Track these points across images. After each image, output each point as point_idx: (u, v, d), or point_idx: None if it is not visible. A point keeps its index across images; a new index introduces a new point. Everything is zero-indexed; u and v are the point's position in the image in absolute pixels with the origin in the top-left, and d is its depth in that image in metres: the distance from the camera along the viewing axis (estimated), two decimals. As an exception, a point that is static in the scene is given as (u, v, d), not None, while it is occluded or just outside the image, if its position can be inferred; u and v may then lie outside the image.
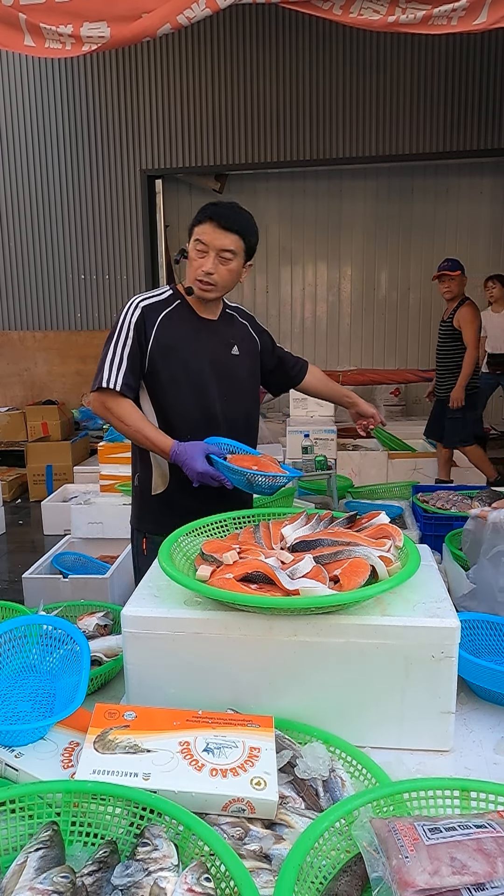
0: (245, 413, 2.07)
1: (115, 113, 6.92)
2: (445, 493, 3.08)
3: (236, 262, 1.92)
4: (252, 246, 1.93)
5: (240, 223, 1.90)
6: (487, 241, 7.53)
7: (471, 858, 0.77)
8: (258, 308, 7.93)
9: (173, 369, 1.95)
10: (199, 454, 1.80)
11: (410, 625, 1.17)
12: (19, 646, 1.31)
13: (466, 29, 3.04)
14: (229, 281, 1.94)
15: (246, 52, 6.65)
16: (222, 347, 2.03)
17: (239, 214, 1.92)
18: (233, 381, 2.03)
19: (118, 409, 1.90)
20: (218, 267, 1.89)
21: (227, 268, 1.91)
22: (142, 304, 1.97)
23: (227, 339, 2.05)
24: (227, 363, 2.03)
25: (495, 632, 1.55)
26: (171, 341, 1.95)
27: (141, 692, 1.26)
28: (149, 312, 1.95)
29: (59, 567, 2.98)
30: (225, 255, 1.88)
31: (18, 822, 0.92)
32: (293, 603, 1.16)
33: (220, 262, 1.89)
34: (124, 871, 0.83)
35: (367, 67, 6.55)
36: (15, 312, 7.39)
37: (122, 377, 1.89)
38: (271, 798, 0.97)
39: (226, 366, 2.02)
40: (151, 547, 2.02)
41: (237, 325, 2.11)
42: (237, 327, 2.10)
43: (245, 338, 2.10)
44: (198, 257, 1.90)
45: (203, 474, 1.78)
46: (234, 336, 2.07)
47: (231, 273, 1.92)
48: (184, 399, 1.97)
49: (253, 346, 2.12)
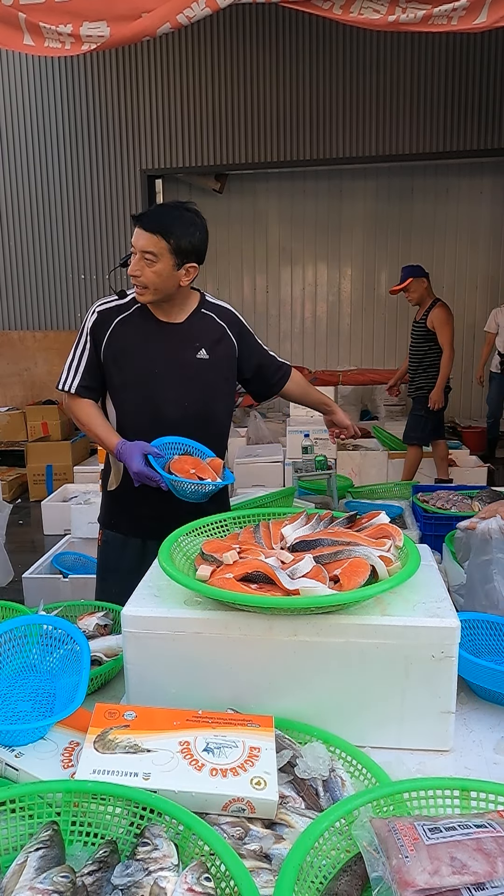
0: (210, 417, 2.03)
1: (115, 113, 6.92)
2: (445, 493, 3.08)
3: (161, 263, 1.86)
4: (182, 246, 1.86)
5: (161, 223, 1.85)
6: (487, 241, 7.53)
7: (471, 858, 0.77)
8: (258, 308, 7.93)
9: (124, 373, 1.99)
10: (138, 453, 1.84)
11: (410, 625, 1.17)
12: (19, 646, 1.31)
13: (466, 28, 3.04)
14: (159, 283, 1.89)
15: (246, 51, 6.65)
16: (184, 350, 1.99)
17: (165, 213, 1.88)
18: (195, 385, 2.00)
19: (75, 409, 2.05)
20: (144, 269, 1.87)
21: (152, 269, 1.87)
22: (98, 308, 2.02)
23: (192, 342, 2.01)
24: (189, 366, 1.99)
25: (495, 632, 1.55)
26: (123, 345, 1.98)
27: (141, 692, 1.26)
28: (104, 317, 2.00)
29: (59, 567, 2.98)
30: (147, 256, 1.85)
31: (18, 821, 0.92)
32: (293, 603, 1.16)
33: (144, 264, 1.87)
34: (124, 870, 0.83)
35: (367, 67, 6.55)
36: (15, 312, 7.39)
37: (78, 379, 2.02)
38: (271, 798, 0.97)
39: (186, 369, 1.99)
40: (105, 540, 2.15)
41: (210, 327, 2.04)
42: (209, 329, 2.04)
43: (218, 340, 2.04)
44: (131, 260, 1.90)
45: (138, 474, 1.82)
46: (201, 338, 2.02)
47: (158, 275, 1.87)
48: (133, 402, 1.99)
49: (227, 350, 2.06)
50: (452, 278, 7.63)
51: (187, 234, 1.87)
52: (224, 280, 7.91)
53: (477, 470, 5.40)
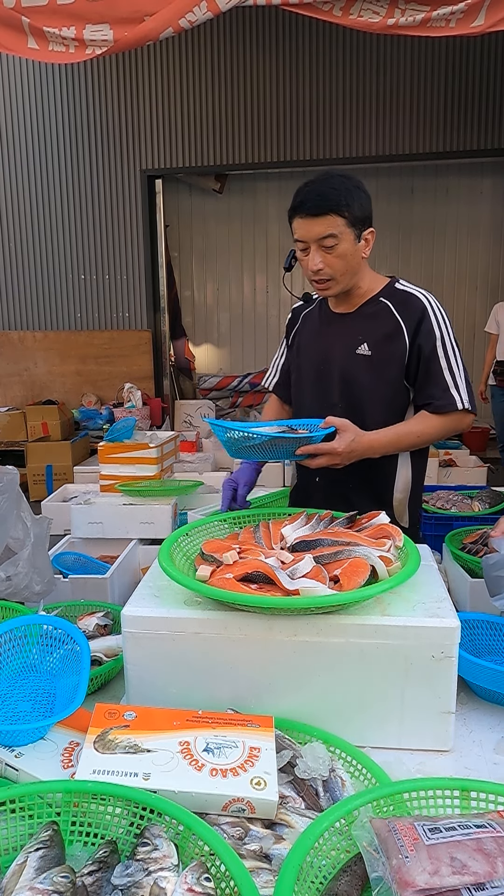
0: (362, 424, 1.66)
1: (115, 113, 6.91)
2: (445, 493, 3.08)
3: (344, 243, 1.64)
4: (356, 215, 1.63)
5: (328, 199, 1.61)
6: (487, 241, 7.52)
7: (471, 858, 0.77)
8: (258, 308, 7.93)
9: (300, 370, 1.91)
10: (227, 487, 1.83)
11: (410, 625, 1.17)
12: (19, 646, 1.31)
13: (464, 32, 3.05)
14: (346, 266, 1.67)
15: (246, 52, 6.65)
16: (345, 345, 1.77)
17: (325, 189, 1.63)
18: (352, 386, 1.76)
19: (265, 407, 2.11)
20: (326, 258, 1.65)
21: (335, 255, 1.65)
22: (294, 306, 1.99)
23: (355, 336, 1.76)
24: (349, 364, 1.76)
25: (495, 632, 1.55)
26: (301, 340, 1.92)
27: (141, 692, 1.26)
28: (295, 313, 1.97)
29: (59, 567, 2.97)
30: (326, 243, 1.64)
31: (18, 822, 0.92)
32: (293, 603, 1.16)
33: (325, 253, 1.65)
34: (124, 871, 0.83)
35: (367, 68, 6.54)
36: (15, 312, 7.39)
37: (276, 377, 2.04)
38: (271, 798, 0.97)
39: (347, 367, 1.77)
40: None
41: (380, 318, 1.75)
42: (379, 320, 1.75)
43: (386, 335, 1.73)
44: (303, 256, 1.70)
45: None
46: (366, 332, 1.75)
47: (343, 258, 1.66)
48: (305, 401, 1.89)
49: (396, 347, 1.73)
50: (452, 278, 7.62)
51: (356, 199, 1.65)
52: (224, 280, 7.91)
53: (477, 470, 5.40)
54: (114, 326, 7.25)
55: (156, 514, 3.08)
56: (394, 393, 1.75)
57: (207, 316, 8.02)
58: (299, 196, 1.65)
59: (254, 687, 1.22)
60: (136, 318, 7.23)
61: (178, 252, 7.83)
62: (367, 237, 1.69)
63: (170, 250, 7.57)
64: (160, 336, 7.32)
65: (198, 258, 7.85)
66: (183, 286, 7.89)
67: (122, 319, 7.25)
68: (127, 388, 6.91)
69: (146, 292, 7.17)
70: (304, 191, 1.65)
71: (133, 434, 3.69)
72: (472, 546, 2.24)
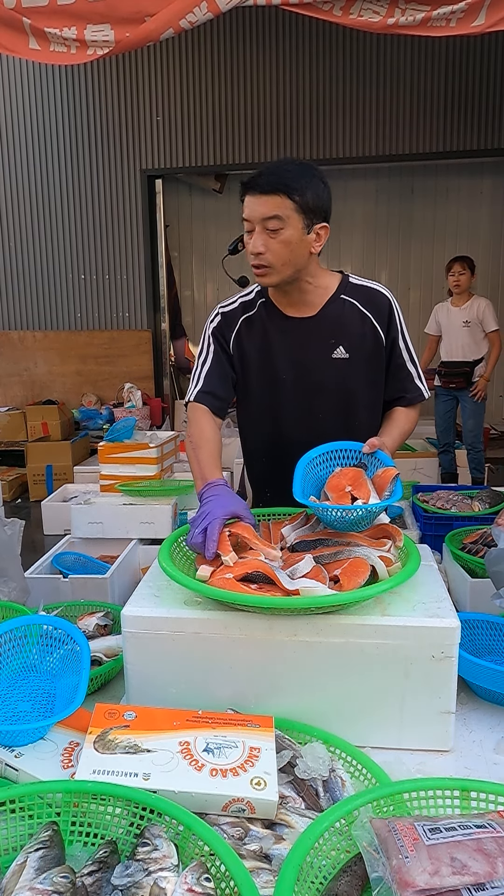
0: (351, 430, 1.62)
1: (115, 113, 6.91)
2: (445, 493, 3.08)
3: (290, 228, 1.52)
4: (309, 203, 1.52)
5: (280, 179, 1.50)
6: (487, 241, 7.52)
7: (471, 858, 0.77)
8: (258, 308, 7.93)
9: (246, 382, 1.72)
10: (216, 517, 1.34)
11: (410, 625, 1.17)
12: (19, 646, 1.31)
13: (465, 31, 3.05)
14: (288, 255, 1.54)
15: (246, 52, 6.65)
16: (317, 350, 1.65)
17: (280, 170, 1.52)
18: (334, 392, 1.66)
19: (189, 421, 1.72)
20: (268, 242, 1.52)
21: (279, 240, 1.52)
22: (221, 310, 1.75)
23: (327, 340, 1.65)
24: (326, 369, 1.65)
25: (495, 632, 1.55)
26: (245, 349, 1.70)
27: (141, 692, 1.26)
28: (228, 318, 1.73)
29: (59, 567, 2.98)
30: (270, 225, 1.51)
31: (18, 822, 0.92)
32: (293, 603, 1.16)
33: (267, 236, 1.52)
34: (124, 871, 0.83)
35: (367, 68, 6.55)
36: (15, 312, 7.39)
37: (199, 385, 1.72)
38: (271, 798, 0.96)
39: (324, 373, 1.65)
40: None
41: (350, 317, 1.65)
42: (349, 320, 1.65)
43: (361, 335, 1.65)
44: (248, 238, 1.56)
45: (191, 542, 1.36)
46: (338, 334, 1.65)
47: (287, 245, 1.53)
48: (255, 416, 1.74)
49: (373, 345, 1.66)
50: (452, 278, 7.62)
51: (311, 187, 1.53)
52: (224, 280, 7.90)
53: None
54: (114, 326, 7.25)
55: (156, 514, 3.09)
56: (377, 392, 1.71)
57: (207, 316, 8.02)
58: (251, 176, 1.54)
59: (254, 687, 1.22)
60: (136, 318, 7.23)
61: (178, 252, 7.83)
62: (320, 231, 1.56)
63: (170, 250, 7.57)
64: (160, 336, 7.32)
65: (198, 258, 7.85)
66: (183, 286, 7.89)
67: (122, 319, 7.25)
68: (127, 388, 6.91)
69: (146, 292, 7.17)
70: (259, 170, 1.55)
71: (133, 434, 3.69)
72: (472, 546, 2.25)
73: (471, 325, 5.22)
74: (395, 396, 1.73)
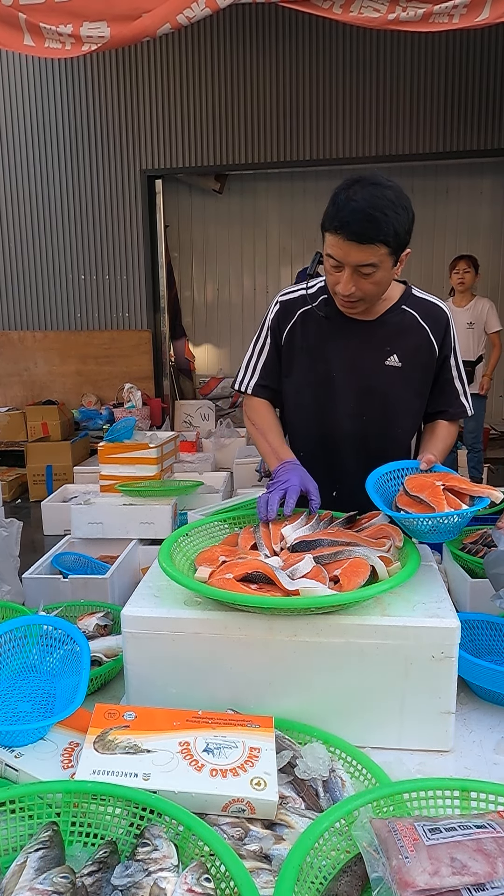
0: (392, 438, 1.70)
1: (115, 113, 6.91)
2: (445, 493, 3.07)
3: (382, 271, 1.50)
4: (401, 241, 1.48)
5: (377, 226, 1.43)
6: (487, 241, 7.52)
7: (471, 859, 0.77)
8: (258, 308, 7.92)
9: (298, 375, 1.71)
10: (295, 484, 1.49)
11: (410, 625, 1.17)
12: (19, 646, 1.31)
13: (469, 25, 3.02)
14: (379, 291, 1.56)
15: (246, 52, 6.65)
16: (372, 356, 1.66)
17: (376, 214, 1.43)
18: (382, 398, 1.66)
19: (249, 411, 1.78)
20: (360, 283, 1.51)
21: (371, 281, 1.51)
22: (281, 298, 1.74)
23: (383, 347, 1.65)
24: (379, 375, 1.65)
25: (495, 632, 1.55)
26: (301, 343, 1.70)
27: (141, 692, 1.26)
28: (287, 308, 1.72)
29: (59, 567, 2.98)
30: (365, 270, 1.49)
31: (18, 822, 0.92)
32: (293, 603, 1.16)
33: (360, 277, 1.50)
34: (124, 871, 0.83)
35: (367, 67, 6.54)
36: (15, 312, 7.39)
37: (255, 378, 1.76)
38: (271, 798, 0.96)
39: (376, 378, 1.66)
40: None
41: (408, 328, 1.66)
42: (407, 331, 1.66)
43: (416, 346, 1.66)
44: (333, 271, 1.54)
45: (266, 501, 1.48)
46: (394, 343, 1.66)
47: (379, 284, 1.53)
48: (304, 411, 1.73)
49: (427, 358, 1.67)
50: (452, 278, 7.62)
51: (403, 224, 1.47)
52: (224, 280, 7.91)
53: (476, 470, 5.39)
54: (114, 326, 7.24)
55: (156, 514, 3.09)
56: (422, 402, 1.73)
57: (207, 316, 8.01)
58: (343, 212, 1.44)
59: (254, 687, 1.22)
60: (136, 318, 7.23)
61: (178, 252, 7.83)
62: (403, 258, 1.54)
63: (170, 250, 7.57)
64: (160, 336, 7.32)
65: (198, 258, 7.85)
66: (183, 286, 7.88)
67: (122, 319, 7.25)
68: (127, 388, 6.91)
69: (146, 292, 7.17)
70: (349, 207, 1.43)
71: (133, 434, 3.70)
72: (472, 546, 2.24)
73: (474, 327, 5.26)
74: (438, 409, 1.75)
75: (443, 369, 1.71)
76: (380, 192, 1.45)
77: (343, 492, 1.70)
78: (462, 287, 5.31)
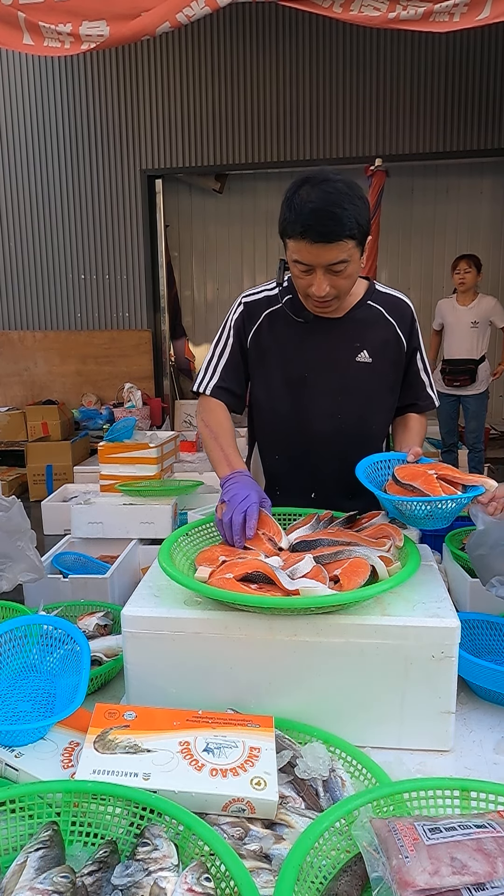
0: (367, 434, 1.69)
1: (115, 113, 6.91)
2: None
3: (353, 265, 1.49)
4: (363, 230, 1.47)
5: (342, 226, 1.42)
6: (487, 241, 7.52)
7: (471, 858, 0.77)
8: (258, 308, 7.93)
9: (267, 378, 1.69)
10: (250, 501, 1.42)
11: (410, 625, 1.17)
12: (19, 646, 1.31)
13: (469, 25, 3.02)
14: (350, 286, 1.55)
15: (246, 51, 6.65)
16: (341, 353, 1.64)
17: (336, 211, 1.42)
18: (356, 395, 1.65)
19: (203, 413, 1.71)
20: (335, 281, 1.50)
21: (343, 277, 1.50)
22: (245, 299, 1.72)
23: (352, 343, 1.64)
24: (350, 373, 1.64)
25: (495, 632, 1.55)
26: (268, 344, 1.67)
27: (141, 692, 1.26)
28: (251, 310, 1.70)
29: (59, 567, 2.98)
30: (337, 267, 1.47)
31: (18, 822, 0.92)
32: (293, 603, 1.16)
33: (332, 276, 1.49)
34: (124, 871, 0.83)
35: (367, 67, 6.54)
36: (15, 312, 7.39)
37: (214, 380, 1.70)
38: (271, 798, 0.96)
39: (348, 376, 1.64)
40: None
41: (375, 323, 1.66)
42: (374, 325, 1.66)
43: (384, 341, 1.65)
44: (303, 276, 1.52)
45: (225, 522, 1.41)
46: (363, 339, 1.64)
47: (351, 278, 1.52)
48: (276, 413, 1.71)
49: (395, 353, 1.67)
50: (452, 278, 7.62)
51: (361, 212, 1.46)
52: (224, 280, 7.91)
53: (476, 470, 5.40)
54: (114, 326, 7.25)
55: (156, 514, 3.09)
56: (394, 398, 1.73)
57: (207, 316, 8.01)
58: (302, 215, 1.42)
59: (254, 687, 1.22)
60: (136, 318, 7.23)
61: (178, 252, 7.83)
62: (367, 246, 1.53)
63: (170, 250, 7.57)
64: (160, 336, 7.32)
65: (198, 258, 7.85)
66: (183, 286, 7.88)
67: (122, 319, 7.25)
68: (127, 388, 6.91)
69: (146, 292, 7.17)
70: (307, 209, 1.42)
71: (133, 434, 3.70)
72: (472, 546, 2.24)
73: (479, 326, 5.25)
74: (407, 403, 1.76)
75: (411, 363, 1.72)
76: (331, 187, 1.44)
77: (321, 493, 1.70)
78: (463, 287, 5.32)
